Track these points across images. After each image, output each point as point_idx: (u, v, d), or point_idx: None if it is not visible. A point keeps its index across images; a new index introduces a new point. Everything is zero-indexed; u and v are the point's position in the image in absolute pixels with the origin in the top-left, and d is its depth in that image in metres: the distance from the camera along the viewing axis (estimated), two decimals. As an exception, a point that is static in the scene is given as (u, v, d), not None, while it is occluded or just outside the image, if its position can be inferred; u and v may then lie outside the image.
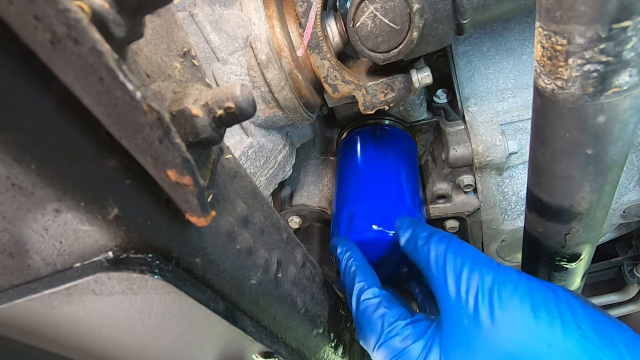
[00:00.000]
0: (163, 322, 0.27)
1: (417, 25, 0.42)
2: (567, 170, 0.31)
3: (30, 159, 0.17)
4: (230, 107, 0.21)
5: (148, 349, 0.30)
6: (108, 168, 0.19)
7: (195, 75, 0.27)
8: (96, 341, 0.28)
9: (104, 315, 0.25)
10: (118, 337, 0.28)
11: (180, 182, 0.19)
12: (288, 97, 0.50)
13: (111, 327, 0.27)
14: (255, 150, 0.53)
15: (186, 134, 0.21)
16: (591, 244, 0.40)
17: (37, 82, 0.16)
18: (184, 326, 0.28)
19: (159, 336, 0.29)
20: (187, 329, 0.28)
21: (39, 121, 0.17)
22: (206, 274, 0.27)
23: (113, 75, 0.15)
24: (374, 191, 0.64)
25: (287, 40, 0.48)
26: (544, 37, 0.25)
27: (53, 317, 0.25)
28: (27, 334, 0.27)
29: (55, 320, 0.25)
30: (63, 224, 0.20)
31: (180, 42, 0.27)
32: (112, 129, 0.17)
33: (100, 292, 0.23)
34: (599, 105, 0.26)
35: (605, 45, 0.22)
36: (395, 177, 0.66)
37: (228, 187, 0.29)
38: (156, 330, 0.28)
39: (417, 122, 0.75)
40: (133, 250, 0.22)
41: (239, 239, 0.29)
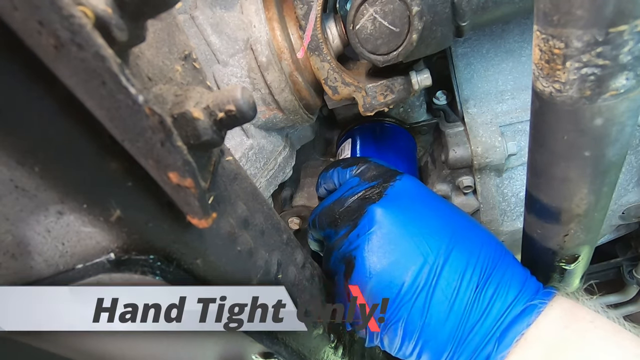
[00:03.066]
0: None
1: (416, 28, 0.42)
2: (566, 172, 0.31)
3: (33, 162, 0.18)
4: (231, 110, 0.21)
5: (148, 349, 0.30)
6: (110, 170, 0.20)
7: (196, 78, 0.28)
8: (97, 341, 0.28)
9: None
10: (118, 337, 0.28)
11: (182, 184, 0.20)
12: (288, 99, 0.50)
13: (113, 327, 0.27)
14: (255, 152, 0.53)
15: (187, 137, 0.21)
16: (590, 245, 0.41)
17: (40, 86, 0.16)
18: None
19: (159, 336, 0.29)
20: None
21: (42, 124, 0.17)
22: (207, 275, 0.27)
23: (116, 80, 0.15)
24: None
25: (287, 42, 0.48)
26: (542, 41, 0.25)
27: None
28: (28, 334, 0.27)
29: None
30: (65, 225, 0.21)
31: (181, 45, 0.27)
32: (115, 132, 0.17)
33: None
34: (597, 108, 0.26)
35: (602, 49, 0.23)
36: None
37: (229, 189, 0.29)
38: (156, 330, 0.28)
39: (417, 124, 0.75)
40: (135, 252, 0.23)
41: (239, 241, 0.29)
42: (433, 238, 0.41)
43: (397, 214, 0.42)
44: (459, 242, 0.41)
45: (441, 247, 0.40)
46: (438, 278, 0.39)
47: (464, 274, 0.39)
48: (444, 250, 0.40)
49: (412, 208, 0.43)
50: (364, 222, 0.42)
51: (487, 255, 0.41)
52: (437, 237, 0.41)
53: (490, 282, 0.39)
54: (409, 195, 0.45)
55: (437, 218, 0.43)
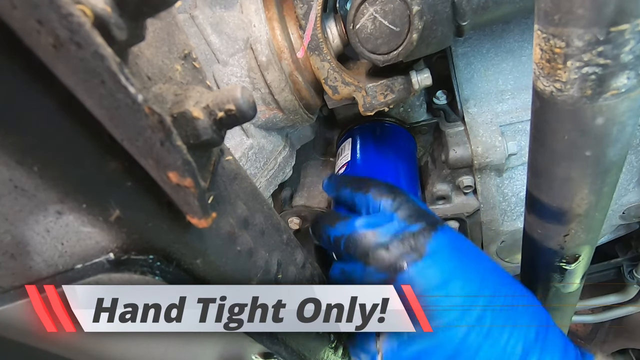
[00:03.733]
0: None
1: (416, 27, 0.42)
2: (566, 171, 0.31)
3: (32, 162, 0.17)
4: (230, 110, 0.21)
5: (148, 348, 0.30)
6: (110, 170, 0.19)
7: (196, 78, 0.28)
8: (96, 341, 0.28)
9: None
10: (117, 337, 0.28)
11: (182, 184, 0.20)
12: (288, 98, 0.50)
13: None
14: (255, 152, 0.53)
15: (187, 136, 0.21)
16: (590, 245, 0.41)
17: (39, 85, 0.16)
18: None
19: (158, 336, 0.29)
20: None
21: (41, 124, 0.17)
22: (207, 275, 0.27)
23: (115, 79, 0.15)
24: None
25: (287, 42, 0.48)
26: (543, 40, 0.25)
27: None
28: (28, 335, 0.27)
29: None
30: (65, 225, 0.20)
31: (181, 44, 0.27)
32: (114, 131, 0.17)
33: (101, 293, 0.23)
34: (597, 107, 0.26)
35: (603, 48, 0.23)
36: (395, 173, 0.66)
37: (228, 189, 0.29)
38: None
39: (417, 124, 0.75)
40: (134, 252, 0.22)
41: (239, 241, 0.29)
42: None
43: (437, 276, 0.40)
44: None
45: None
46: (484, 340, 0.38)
47: (509, 340, 0.38)
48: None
49: (452, 270, 0.42)
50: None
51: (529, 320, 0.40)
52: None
53: (534, 348, 0.39)
54: (449, 251, 0.43)
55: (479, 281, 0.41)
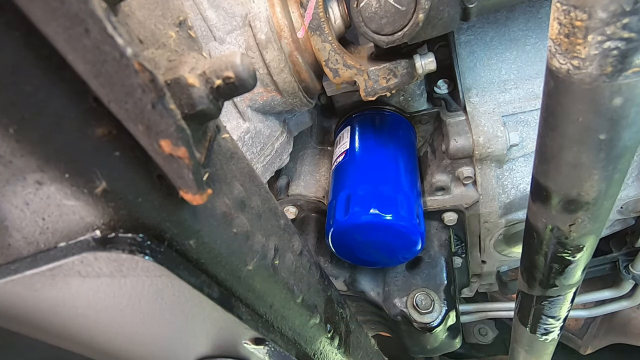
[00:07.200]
0: (154, 308, 0.25)
1: (423, 7, 0.40)
2: (578, 156, 0.30)
3: (7, 122, 0.16)
4: (229, 77, 0.19)
5: (137, 335, 0.28)
6: (95, 137, 0.18)
7: (192, 47, 0.26)
8: (82, 327, 0.27)
9: (90, 299, 0.24)
10: (106, 323, 0.26)
11: (175, 154, 0.18)
12: (287, 80, 0.48)
13: (98, 312, 0.25)
14: (252, 136, 0.51)
15: (181, 105, 0.20)
16: (595, 235, 0.40)
17: (15, 34, 0.14)
18: (176, 312, 0.26)
19: (149, 322, 0.27)
20: (179, 315, 0.27)
21: (16, 80, 0.15)
22: (200, 258, 0.25)
23: (101, 26, 0.13)
24: (372, 175, 0.63)
25: (287, 20, 0.46)
26: (562, 13, 0.24)
27: (35, 300, 0.23)
28: (7, 319, 0.25)
29: (38, 304, 0.24)
30: (46, 197, 0.19)
31: (175, 10, 0.25)
32: (100, 91, 0.16)
33: (86, 274, 0.22)
34: (617, 86, 0.24)
35: (629, 19, 0.21)
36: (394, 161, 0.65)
37: (225, 168, 0.28)
38: (146, 316, 0.26)
39: (417, 113, 0.73)
40: (122, 229, 0.21)
41: (235, 222, 0.28)
42: None
43: None
44: None
45: None
46: None
47: None
48: None
49: None
50: None
51: None
52: None
53: None
54: None
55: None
